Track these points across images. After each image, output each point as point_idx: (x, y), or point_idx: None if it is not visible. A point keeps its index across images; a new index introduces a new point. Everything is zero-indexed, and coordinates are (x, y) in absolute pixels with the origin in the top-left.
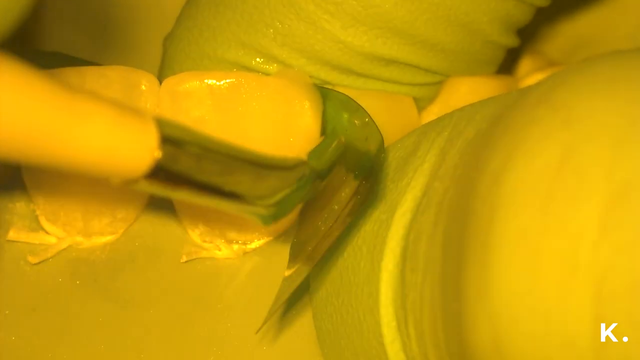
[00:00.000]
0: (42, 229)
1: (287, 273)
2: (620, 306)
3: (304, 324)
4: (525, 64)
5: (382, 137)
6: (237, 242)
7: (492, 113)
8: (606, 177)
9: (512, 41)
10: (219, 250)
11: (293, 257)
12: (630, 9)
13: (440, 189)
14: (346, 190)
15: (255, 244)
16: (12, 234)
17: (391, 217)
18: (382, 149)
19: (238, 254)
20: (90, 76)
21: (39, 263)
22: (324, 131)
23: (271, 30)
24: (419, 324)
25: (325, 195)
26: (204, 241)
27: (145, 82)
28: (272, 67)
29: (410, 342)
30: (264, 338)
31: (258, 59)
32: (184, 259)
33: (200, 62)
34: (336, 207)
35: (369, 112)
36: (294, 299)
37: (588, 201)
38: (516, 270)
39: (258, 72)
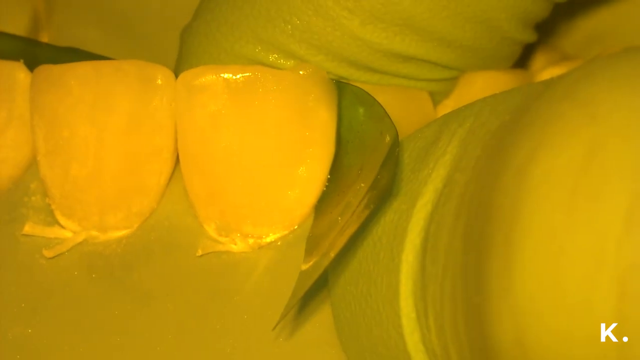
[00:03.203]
0: (58, 223)
1: (304, 267)
2: None
3: (321, 316)
4: (539, 58)
5: (396, 131)
6: (252, 236)
7: (515, 105)
8: (631, 175)
9: (529, 36)
10: (235, 244)
11: (309, 251)
12: None
13: (462, 180)
14: (362, 184)
15: (271, 237)
16: (27, 228)
17: (412, 208)
18: (396, 142)
19: (254, 247)
20: (106, 70)
21: (55, 257)
22: (339, 125)
23: (289, 26)
24: (439, 316)
25: (341, 188)
26: (220, 235)
27: (162, 76)
28: (290, 63)
29: (429, 334)
30: (281, 331)
31: (275, 55)
32: (200, 252)
33: (217, 57)
34: (353, 200)
35: (384, 106)
36: (312, 293)
37: (613, 197)
38: (540, 266)
39: (275, 68)
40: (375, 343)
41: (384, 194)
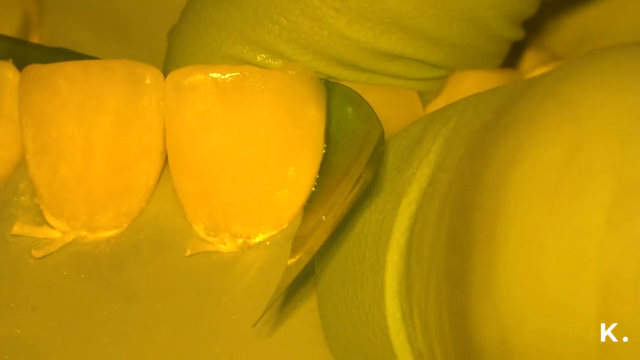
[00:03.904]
0: (47, 223)
1: (289, 262)
2: (626, 304)
3: (309, 316)
4: (529, 58)
5: (382, 129)
6: (241, 236)
7: (498, 104)
8: (612, 174)
9: (517, 34)
10: (224, 244)
11: (295, 251)
12: (634, 2)
13: (445, 180)
14: (347, 184)
15: (260, 237)
16: (16, 228)
17: (396, 208)
18: (382, 141)
19: (242, 247)
20: (95, 70)
21: (44, 257)
22: (328, 124)
23: (276, 27)
24: (424, 315)
25: (329, 188)
26: (209, 235)
27: (150, 76)
28: (277, 63)
29: (415, 333)
30: (269, 330)
31: (263, 55)
32: (189, 252)
33: (205, 58)
34: (338, 199)
35: (373, 106)
36: (300, 292)
37: (594, 198)
38: (522, 267)
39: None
40: (362, 343)
41: (365, 191)
